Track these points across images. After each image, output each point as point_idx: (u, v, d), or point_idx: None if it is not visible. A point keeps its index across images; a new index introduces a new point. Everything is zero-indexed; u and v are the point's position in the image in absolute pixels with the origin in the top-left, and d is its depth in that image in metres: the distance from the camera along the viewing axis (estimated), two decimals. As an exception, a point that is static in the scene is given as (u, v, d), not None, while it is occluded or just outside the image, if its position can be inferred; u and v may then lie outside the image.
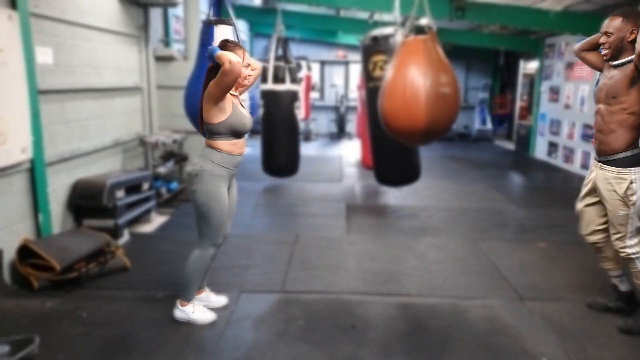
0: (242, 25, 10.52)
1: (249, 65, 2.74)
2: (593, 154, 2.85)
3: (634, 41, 2.53)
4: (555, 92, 8.89)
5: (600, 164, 2.74)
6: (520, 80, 11.66)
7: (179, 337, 2.71)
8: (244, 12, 9.47)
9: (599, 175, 2.75)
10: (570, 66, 8.38)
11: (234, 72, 2.46)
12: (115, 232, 4.07)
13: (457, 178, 7.32)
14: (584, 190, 2.91)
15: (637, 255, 2.69)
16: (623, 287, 2.96)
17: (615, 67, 2.64)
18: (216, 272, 3.59)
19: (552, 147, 8.85)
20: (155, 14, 6.25)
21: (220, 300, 3.09)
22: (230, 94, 2.67)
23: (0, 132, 3.13)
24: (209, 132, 2.69)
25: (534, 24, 6.36)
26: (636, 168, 2.60)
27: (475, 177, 7.41)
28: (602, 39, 2.65)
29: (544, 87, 9.30)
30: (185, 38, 6.35)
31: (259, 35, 11.83)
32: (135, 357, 2.52)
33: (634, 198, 2.59)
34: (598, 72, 2.85)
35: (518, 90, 11.73)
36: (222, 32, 3.95)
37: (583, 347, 2.67)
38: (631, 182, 2.59)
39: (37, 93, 3.52)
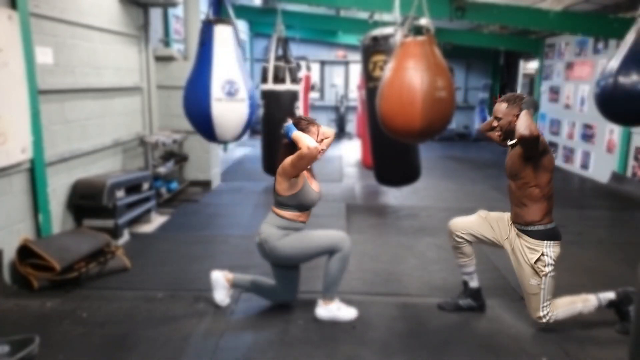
0: (242, 25, 10.53)
1: (322, 139, 2.82)
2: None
3: None
4: (555, 92, 8.89)
5: (517, 231, 2.79)
6: (520, 80, 11.67)
7: (179, 337, 2.70)
8: (244, 12, 9.46)
9: (514, 237, 2.81)
10: (570, 66, 8.38)
11: (311, 157, 2.57)
12: (115, 232, 4.07)
13: (457, 178, 7.32)
14: (495, 216, 3.00)
15: (556, 317, 2.74)
16: (473, 283, 3.05)
17: (511, 146, 2.79)
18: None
19: (552, 147, 8.84)
20: (155, 14, 6.25)
21: (351, 313, 2.97)
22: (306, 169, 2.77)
23: (0, 132, 3.13)
24: (277, 201, 2.82)
25: (534, 24, 6.35)
26: (548, 242, 2.67)
27: (475, 177, 7.40)
28: (494, 123, 2.82)
29: (544, 87, 9.31)
30: (185, 38, 6.35)
31: (259, 35, 11.83)
32: (135, 357, 2.52)
33: (546, 269, 2.66)
34: (598, 72, 2.88)
35: (518, 90, 11.73)
36: (221, 32, 3.96)
37: (583, 347, 2.67)
38: (542, 255, 2.66)
39: (37, 93, 3.52)
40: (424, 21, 4.20)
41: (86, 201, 4.08)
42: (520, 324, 2.91)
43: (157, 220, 4.87)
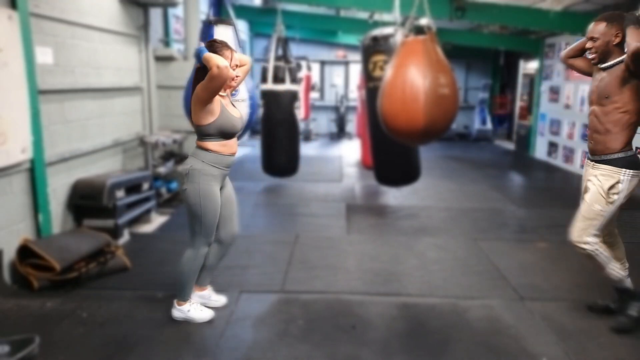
0: (242, 25, 10.52)
1: (237, 65, 2.72)
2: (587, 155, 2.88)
3: (619, 44, 2.62)
4: (555, 92, 8.89)
5: (593, 162, 2.77)
6: (520, 80, 11.67)
7: (179, 337, 2.71)
8: (244, 12, 9.47)
9: (589, 172, 2.79)
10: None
11: (221, 77, 2.45)
12: (115, 232, 4.07)
13: (457, 178, 7.32)
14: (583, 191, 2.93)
15: (595, 252, 2.71)
16: (627, 284, 2.93)
17: (604, 69, 2.70)
18: (216, 271, 3.58)
19: (552, 147, 8.84)
20: (155, 14, 6.25)
21: (220, 299, 3.10)
22: (219, 95, 2.66)
23: (0, 132, 3.13)
24: (198, 133, 2.69)
25: (534, 24, 6.37)
26: (627, 170, 2.64)
27: (475, 177, 7.40)
28: (589, 44, 2.72)
29: (544, 87, 9.30)
30: (185, 38, 6.35)
31: (259, 35, 11.83)
32: (135, 357, 2.52)
33: (614, 197, 2.64)
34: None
35: (518, 90, 11.73)
36: (222, 32, 3.96)
37: (583, 347, 2.67)
38: (618, 182, 2.64)
39: (37, 93, 3.52)
40: (424, 21, 4.21)
41: (86, 201, 4.08)
42: (521, 324, 2.91)
43: (157, 220, 4.87)
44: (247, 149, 9.88)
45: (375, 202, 5.98)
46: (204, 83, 2.50)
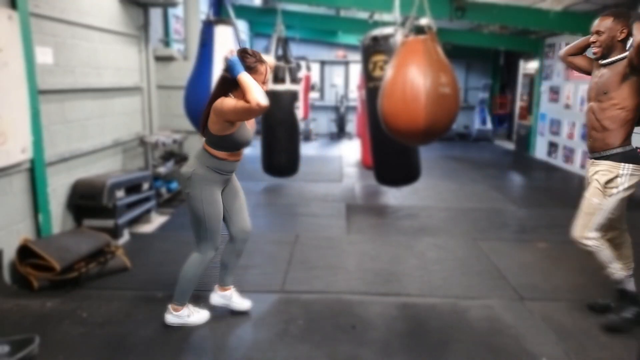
0: (242, 25, 10.52)
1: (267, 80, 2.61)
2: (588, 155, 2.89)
3: (623, 40, 2.66)
4: (555, 92, 8.89)
5: (593, 160, 2.79)
6: (520, 80, 11.67)
7: (179, 337, 2.71)
8: (244, 12, 9.47)
9: (591, 169, 2.81)
10: (570, 66, 8.37)
11: (259, 113, 2.39)
12: (115, 232, 4.07)
13: (457, 178, 7.32)
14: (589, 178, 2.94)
15: (597, 248, 2.73)
16: (630, 286, 2.93)
17: (604, 65, 2.73)
18: (216, 272, 3.59)
19: (552, 147, 8.84)
20: (155, 14, 6.25)
21: (243, 303, 2.98)
22: None
23: (0, 132, 3.13)
24: (210, 139, 2.59)
25: (534, 24, 6.37)
26: (626, 164, 2.66)
27: (475, 177, 7.40)
28: (594, 38, 2.75)
29: (544, 87, 9.30)
30: (185, 38, 6.35)
31: (259, 35, 11.83)
32: (135, 357, 2.52)
33: (613, 190, 2.65)
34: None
35: (518, 90, 11.73)
36: (222, 32, 3.96)
37: (583, 347, 2.67)
38: (617, 176, 2.65)
39: (37, 93, 3.52)
40: (424, 21, 4.21)
41: (86, 201, 4.08)
42: (521, 324, 2.91)
43: (157, 220, 4.87)
44: (247, 149, 9.88)
45: (375, 202, 5.98)
46: (237, 110, 2.39)
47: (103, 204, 4.03)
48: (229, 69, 2.43)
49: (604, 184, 2.67)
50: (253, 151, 8.39)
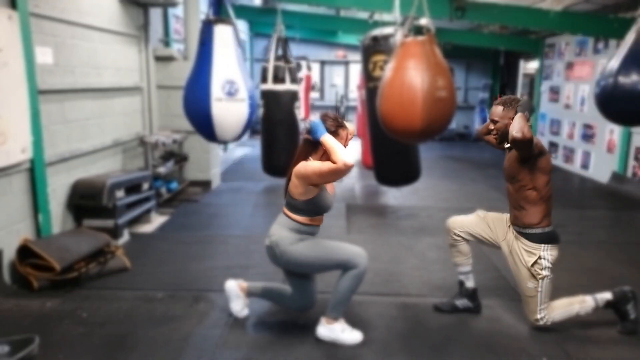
0: (242, 25, 10.53)
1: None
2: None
3: None
4: (555, 92, 8.89)
5: (514, 231, 2.80)
6: (520, 80, 11.67)
7: (179, 337, 2.70)
8: (244, 12, 9.46)
9: (511, 238, 2.82)
10: (570, 66, 8.38)
11: (345, 174, 2.39)
12: (115, 232, 4.07)
13: (457, 178, 7.32)
14: (493, 216, 3.02)
15: (551, 321, 2.75)
16: (469, 283, 3.04)
17: (508, 149, 2.80)
18: (216, 271, 3.59)
19: (552, 147, 8.84)
20: (155, 14, 6.25)
21: (355, 336, 2.71)
22: None
23: (0, 132, 3.13)
24: (291, 204, 2.60)
25: (534, 24, 6.35)
26: (545, 245, 2.68)
27: (475, 177, 7.40)
28: (491, 126, 2.83)
29: (544, 87, 9.31)
30: (185, 38, 6.35)
31: (259, 35, 11.84)
32: (135, 357, 2.52)
33: (543, 272, 2.67)
34: (598, 72, 2.88)
35: (518, 90, 11.73)
36: (221, 32, 3.96)
37: (583, 347, 2.67)
38: (539, 258, 2.67)
39: (37, 93, 3.52)
40: (424, 21, 4.20)
41: (86, 201, 4.08)
42: (520, 324, 2.91)
43: (157, 220, 4.87)
44: (247, 149, 9.88)
45: (375, 202, 5.98)
46: (323, 172, 2.39)
47: (103, 204, 4.03)
48: (312, 131, 2.47)
49: (531, 267, 2.67)
50: (253, 151, 8.40)
